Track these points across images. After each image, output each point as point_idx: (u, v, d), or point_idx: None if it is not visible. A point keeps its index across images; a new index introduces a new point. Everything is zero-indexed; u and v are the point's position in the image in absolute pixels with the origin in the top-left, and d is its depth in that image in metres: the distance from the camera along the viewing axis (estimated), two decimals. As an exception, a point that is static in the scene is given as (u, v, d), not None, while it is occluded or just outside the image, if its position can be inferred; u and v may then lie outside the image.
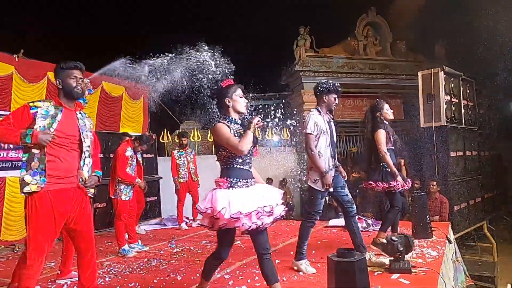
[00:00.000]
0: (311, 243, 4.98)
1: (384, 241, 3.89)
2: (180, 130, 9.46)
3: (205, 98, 3.03)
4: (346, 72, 12.21)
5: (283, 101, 12.58)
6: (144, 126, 8.76)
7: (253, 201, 2.58)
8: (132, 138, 5.12)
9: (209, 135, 10.28)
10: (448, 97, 6.91)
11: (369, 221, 5.78)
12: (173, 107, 10.02)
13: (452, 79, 7.18)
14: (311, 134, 3.66)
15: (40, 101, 2.78)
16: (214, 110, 2.92)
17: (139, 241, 5.21)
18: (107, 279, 3.80)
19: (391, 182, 4.26)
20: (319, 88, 3.79)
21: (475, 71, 8.79)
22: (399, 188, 4.32)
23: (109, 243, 5.59)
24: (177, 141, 7.06)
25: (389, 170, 4.28)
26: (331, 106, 3.82)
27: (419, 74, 6.99)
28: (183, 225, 6.60)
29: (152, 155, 8.00)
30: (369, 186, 4.45)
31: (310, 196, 3.78)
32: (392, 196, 4.42)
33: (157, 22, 16.39)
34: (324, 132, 3.70)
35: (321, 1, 13.92)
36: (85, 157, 2.83)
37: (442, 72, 6.76)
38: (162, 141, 9.79)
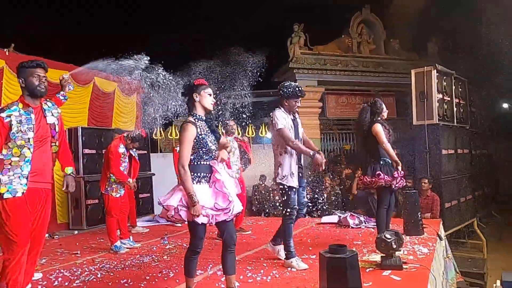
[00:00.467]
0: (304, 240, 5.01)
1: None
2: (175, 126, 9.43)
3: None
4: (340, 70, 12.23)
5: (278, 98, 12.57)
6: (137, 122, 8.71)
7: (211, 200, 2.73)
8: (124, 135, 5.08)
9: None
10: (440, 95, 6.95)
11: (361, 218, 5.82)
12: (167, 103, 9.96)
13: (444, 77, 7.22)
14: (283, 128, 3.68)
15: (7, 108, 2.78)
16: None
17: (131, 237, 5.19)
18: (99, 275, 3.78)
19: (394, 175, 4.26)
20: (280, 91, 3.80)
21: (467, 70, 8.85)
22: (396, 183, 4.31)
23: (101, 240, 5.56)
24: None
25: (390, 163, 4.30)
26: (293, 109, 3.83)
27: (412, 72, 7.01)
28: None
29: (145, 152, 7.96)
30: (373, 180, 4.32)
31: (282, 194, 3.79)
32: (382, 192, 4.42)
33: (157, 22, 16.35)
34: (289, 129, 3.73)
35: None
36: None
37: (435, 70, 6.79)
38: (155, 137, 9.74)
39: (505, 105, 14.98)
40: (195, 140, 2.75)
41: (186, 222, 2.81)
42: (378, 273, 3.41)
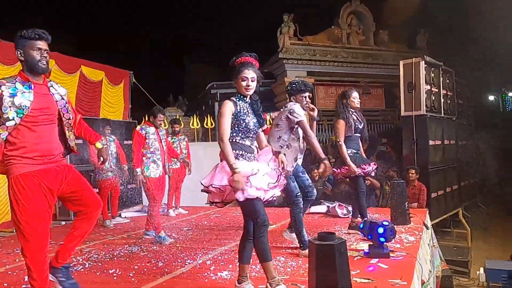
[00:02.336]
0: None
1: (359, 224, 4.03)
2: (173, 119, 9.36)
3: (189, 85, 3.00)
4: (329, 61, 12.24)
5: (271, 88, 12.52)
6: (125, 112, 8.62)
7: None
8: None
9: (191, 122, 10.19)
10: (428, 87, 7.01)
11: (349, 208, 5.87)
12: (155, 94, 9.87)
13: (432, 68, 7.28)
14: (303, 120, 3.70)
15: (4, 79, 2.46)
16: (198, 97, 2.91)
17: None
18: (87, 265, 3.76)
19: (344, 167, 4.41)
20: (288, 88, 3.90)
21: (455, 62, 8.94)
22: (358, 173, 4.42)
23: (89, 230, 5.51)
24: (166, 127, 6.96)
25: (359, 154, 4.51)
26: (303, 105, 3.88)
27: (401, 63, 7.05)
28: (171, 212, 6.54)
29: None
30: (333, 173, 4.57)
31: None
32: (354, 180, 4.55)
33: (157, 22, 16.21)
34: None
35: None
36: (68, 132, 2.70)
37: (423, 61, 6.84)
38: (143, 127, 9.65)
39: (491, 97, 15.23)
40: (233, 117, 2.68)
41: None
42: (365, 261, 3.46)
